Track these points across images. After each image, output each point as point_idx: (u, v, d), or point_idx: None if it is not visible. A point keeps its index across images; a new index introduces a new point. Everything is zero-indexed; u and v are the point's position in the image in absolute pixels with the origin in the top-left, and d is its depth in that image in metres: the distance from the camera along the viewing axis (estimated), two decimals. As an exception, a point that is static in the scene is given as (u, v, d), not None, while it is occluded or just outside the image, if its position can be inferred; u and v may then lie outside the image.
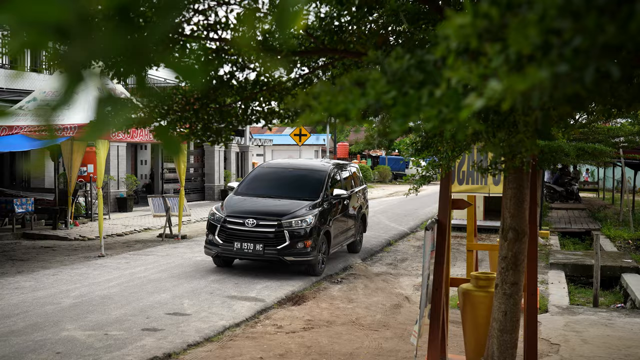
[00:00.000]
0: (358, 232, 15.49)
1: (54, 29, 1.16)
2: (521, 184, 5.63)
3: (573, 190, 30.31)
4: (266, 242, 12.10)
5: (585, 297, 12.12)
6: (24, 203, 16.89)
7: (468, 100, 1.10)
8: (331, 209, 13.32)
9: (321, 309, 10.26)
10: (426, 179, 6.65)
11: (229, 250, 12.26)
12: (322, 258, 12.71)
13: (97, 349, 7.65)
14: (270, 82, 4.36)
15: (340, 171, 14.90)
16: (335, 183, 14.11)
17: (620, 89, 3.10)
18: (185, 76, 1.44)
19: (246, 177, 14.57)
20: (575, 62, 1.00)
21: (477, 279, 6.82)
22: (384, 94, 1.31)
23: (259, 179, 14.07)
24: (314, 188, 13.33)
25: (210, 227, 12.64)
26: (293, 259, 12.16)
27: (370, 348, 8.22)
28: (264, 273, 12.48)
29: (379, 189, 41.08)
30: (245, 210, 12.54)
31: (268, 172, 14.40)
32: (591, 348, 8.18)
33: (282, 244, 12.06)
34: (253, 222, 12.18)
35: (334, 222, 13.44)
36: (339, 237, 13.86)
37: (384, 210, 26.07)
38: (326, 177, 13.71)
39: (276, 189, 13.49)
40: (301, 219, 12.28)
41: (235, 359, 7.56)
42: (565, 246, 17.95)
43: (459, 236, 17.38)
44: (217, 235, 12.40)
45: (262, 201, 13.01)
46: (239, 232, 12.21)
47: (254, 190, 13.55)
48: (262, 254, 12.07)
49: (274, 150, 45.57)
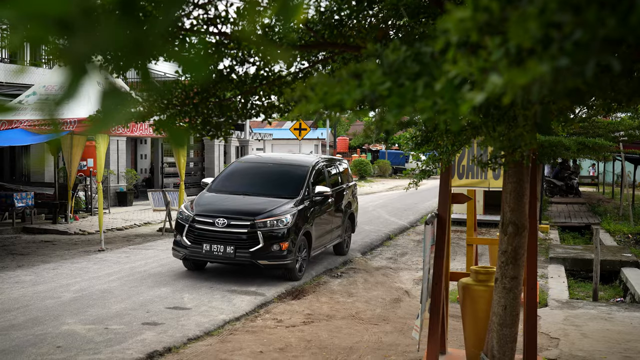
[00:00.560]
0: (345, 233, 14.44)
1: (57, 23, 1.16)
2: (521, 178, 5.63)
3: (573, 185, 30.32)
4: (238, 244, 11.08)
5: (585, 291, 12.14)
6: (24, 197, 16.90)
7: (469, 94, 1.09)
8: (313, 207, 12.32)
9: (321, 303, 10.28)
10: (426, 173, 6.66)
11: (198, 252, 11.27)
12: (301, 261, 11.70)
13: (98, 343, 7.66)
14: (270, 76, 4.36)
15: (326, 167, 13.86)
16: (320, 179, 13.14)
17: (620, 83, 3.10)
18: (189, 69, 1.44)
19: (221, 173, 13.57)
20: (575, 55, 1.00)
21: (477, 273, 6.83)
22: (379, 85, 1.30)
23: (236, 175, 13.08)
24: (294, 185, 12.37)
25: (178, 227, 11.72)
26: (267, 263, 11.11)
27: (370, 342, 8.23)
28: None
29: (378, 183, 41.09)
30: (215, 209, 11.58)
31: (246, 167, 13.41)
32: (591, 342, 8.20)
33: (256, 246, 11.04)
34: (224, 222, 11.18)
35: (316, 222, 12.43)
36: (322, 238, 12.86)
37: (383, 204, 26.08)
38: (308, 173, 12.73)
39: (253, 186, 12.50)
40: (277, 218, 11.27)
41: (236, 353, 7.57)
42: (565, 240, 17.97)
43: (458, 230, 17.39)
44: (185, 235, 11.43)
45: (236, 199, 12.04)
46: (208, 233, 11.23)
47: (229, 187, 12.58)
48: (233, 257, 11.06)
49: (274, 144, 45.57)
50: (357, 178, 43.73)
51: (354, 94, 1.32)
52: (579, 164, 34.23)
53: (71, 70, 1.23)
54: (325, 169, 13.67)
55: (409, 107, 1.24)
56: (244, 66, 4.24)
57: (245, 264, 11.21)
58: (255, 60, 4.24)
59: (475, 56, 1.11)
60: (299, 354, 7.61)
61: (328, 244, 13.44)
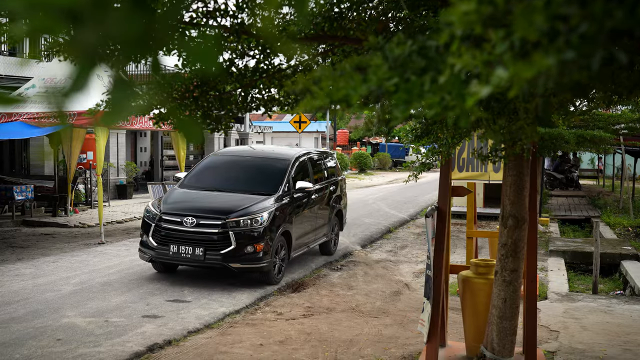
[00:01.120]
0: (332, 231, 13.49)
1: (65, 13, 1.15)
2: (521, 171, 5.63)
3: (573, 178, 30.31)
4: (208, 245, 10.17)
5: (585, 284, 12.15)
6: (24, 190, 16.89)
7: (474, 88, 1.08)
8: (293, 204, 11.40)
9: (321, 295, 10.29)
10: (426, 166, 6.65)
11: (165, 254, 10.34)
12: (279, 264, 10.83)
13: (98, 335, 7.67)
14: (270, 69, 4.35)
15: (310, 160, 12.87)
16: (302, 174, 12.20)
17: (621, 76, 3.09)
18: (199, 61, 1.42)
19: (195, 167, 12.54)
20: (582, 48, 0.99)
21: (476, 266, 6.83)
22: (385, 80, 1.29)
23: (210, 170, 12.11)
24: (273, 180, 11.41)
25: (144, 227, 10.78)
26: (240, 266, 10.20)
27: (370, 335, 8.24)
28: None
29: (378, 176, 41.09)
30: (184, 207, 10.64)
31: (222, 161, 12.39)
32: (590, 335, 8.21)
33: (227, 247, 10.13)
34: (192, 221, 10.25)
35: (297, 221, 11.52)
36: (304, 237, 11.92)
37: (383, 197, 26.08)
38: (289, 167, 11.77)
39: (228, 181, 11.56)
40: (252, 217, 10.32)
41: (236, 345, 7.58)
42: (564, 233, 17.97)
43: (458, 223, 17.40)
44: (151, 236, 10.51)
45: (208, 196, 11.11)
46: (175, 233, 10.31)
47: (202, 183, 11.63)
48: (203, 259, 10.15)
49: (274, 137, 45.53)
50: (357, 171, 43.72)
51: (360, 90, 1.30)
52: (579, 157, 34.21)
53: (80, 62, 1.21)
54: (308, 162, 12.76)
55: (416, 103, 1.23)
56: (243, 59, 4.23)
57: (217, 267, 10.38)
58: (255, 54, 4.23)
59: (479, 49, 1.10)
60: (298, 347, 7.62)
61: (312, 244, 12.49)
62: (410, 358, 7.26)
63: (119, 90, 1.30)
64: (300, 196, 11.70)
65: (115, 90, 1.30)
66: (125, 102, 1.29)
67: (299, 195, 11.61)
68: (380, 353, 7.46)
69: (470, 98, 1.08)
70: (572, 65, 1.00)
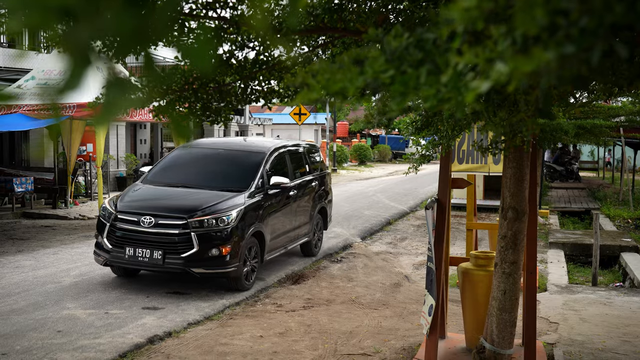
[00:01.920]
0: (315, 230, 12.49)
1: (58, 8, 1.14)
2: (521, 163, 5.63)
3: (573, 170, 30.31)
4: (167, 248, 9.18)
5: (584, 276, 12.17)
6: (24, 182, 16.89)
7: (474, 83, 1.08)
8: (268, 201, 10.38)
9: (321, 287, 10.30)
10: (426, 158, 6.65)
11: (120, 257, 9.36)
12: (250, 268, 9.84)
13: (98, 327, 7.68)
14: (270, 61, 4.34)
15: (289, 153, 11.80)
16: (280, 168, 11.18)
17: (621, 68, 3.09)
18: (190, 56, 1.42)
19: (161, 160, 11.49)
20: (582, 42, 0.99)
21: (476, 258, 6.84)
22: (381, 73, 1.29)
23: (178, 163, 11.10)
24: (245, 175, 10.40)
25: (99, 226, 9.78)
26: (204, 271, 9.22)
27: (370, 326, 8.26)
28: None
29: (378, 168, 41.10)
30: (143, 205, 9.66)
31: (191, 153, 11.33)
32: (590, 327, 8.23)
33: (189, 250, 9.14)
34: (150, 221, 9.27)
35: (272, 220, 10.50)
36: (280, 238, 10.90)
37: (383, 189, 26.09)
38: (263, 161, 10.73)
39: (196, 176, 10.58)
40: (217, 216, 9.32)
41: (236, 337, 7.60)
42: (564, 225, 17.99)
43: (458, 215, 17.41)
44: (105, 237, 9.54)
45: (171, 192, 10.11)
46: (132, 234, 9.35)
47: (167, 178, 10.61)
48: (162, 263, 9.15)
49: (274, 129, 45.50)
50: (356, 163, 43.72)
51: (357, 82, 1.30)
52: (579, 149, 34.19)
53: (73, 59, 1.21)
54: (287, 156, 11.68)
55: (413, 95, 1.23)
56: (243, 51, 4.22)
57: (177, 272, 9.40)
58: (254, 45, 4.22)
59: (481, 46, 1.10)
60: (298, 339, 7.64)
61: (290, 245, 11.46)
62: (410, 350, 7.28)
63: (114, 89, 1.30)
64: (276, 192, 10.70)
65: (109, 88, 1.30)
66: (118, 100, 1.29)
67: (274, 191, 10.62)
68: (379, 345, 7.48)
69: (470, 93, 1.07)
70: (572, 59, 1.00)
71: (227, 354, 7.04)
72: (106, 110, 1.31)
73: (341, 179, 31.63)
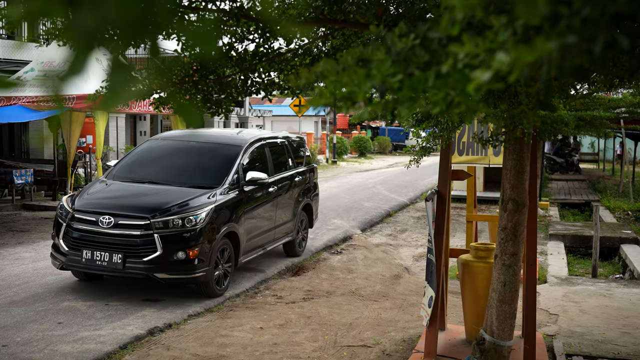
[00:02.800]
0: (298, 229, 11.70)
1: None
2: (521, 154, 5.62)
3: (573, 162, 30.30)
4: (128, 251, 8.38)
5: (584, 268, 12.18)
6: (23, 174, 16.88)
7: (475, 73, 1.07)
8: (243, 199, 9.52)
9: (321, 279, 10.31)
10: (426, 150, 6.65)
11: (77, 261, 8.54)
12: (223, 272, 9.01)
13: (99, 319, 7.70)
14: (270, 53, 4.33)
15: (269, 147, 10.93)
16: (258, 163, 10.36)
17: (622, 59, 3.08)
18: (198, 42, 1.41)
19: (129, 154, 10.63)
20: (584, 32, 0.98)
21: (476, 249, 6.84)
22: (390, 77, 1.27)
23: (146, 157, 10.22)
24: (218, 170, 9.55)
25: (56, 226, 8.96)
26: (168, 277, 8.42)
27: (370, 318, 8.27)
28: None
29: (378, 160, 41.10)
30: (102, 203, 8.84)
31: (161, 146, 10.44)
32: (589, 318, 8.24)
33: (152, 253, 8.33)
34: (110, 221, 8.46)
35: (248, 218, 9.66)
36: (257, 238, 10.04)
37: (383, 181, 26.09)
38: (239, 154, 9.85)
39: (166, 172, 9.71)
40: (183, 216, 8.48)
41: (236, 329, 7.61)
42: (564, 217, 18.00)
43: (458, 207, 17.41)
44: (62, 238, 8.74)
45: (135, 189, 9.30)
46: (89, 235, 8.53)
47: (134, 173, 9.80)
48: (122, 268, 8.35)
49: (274, 121, 45.48)
50: (357, 155, 43.70)
51: (364, 87, 1.29)
52: (579, 141, 34.16)
53: (77, 46, 1.20)
54: (267, 149, 10.80)
55: (422, 100, 1.21)
56: (243, 43, 4.21)
57: (139, 278, 8.64)
58: (254, 37, 4.21)
59: (482, 37, 1.09)
60: (298, 330, 7.66)
61: (270, 245, 10.61)
62: (410, 341, 7.29)
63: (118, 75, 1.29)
64: (253, 189, 9.83)
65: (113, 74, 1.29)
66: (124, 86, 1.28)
67: (251, 188, 9.74)
68: (379, 336, 7.50)
69: (471, 84, 1.07)
70: (574, 49, 0.99)
71: (227, 345, 7.05)
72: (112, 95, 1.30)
73: (341, 170, 31.63)
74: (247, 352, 6.87)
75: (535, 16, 0.98)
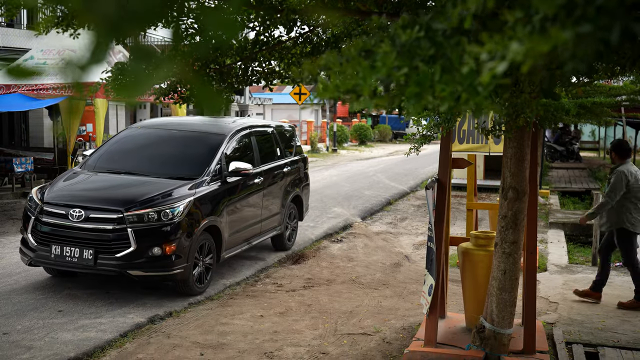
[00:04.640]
0: (287, 222, 11.17)
1: None
2: (522, 143, 5.62)
3: (574, 150, 30.27)
4: (100, 247, 7.90)
5: (584, 256, 12.18)
6: (23, 162, 16.87)
7: (489, 64, 1.06)
8: (226, 191, 9.02)
9: (321, 267, 10.33)
10: (426, 138, 6.63)
11: (45, 257, 8.08)
12: (204, 268, 8.56)
13: (99, 307, 7.71)
14: (270, 41, 4.31)
15: (256, 135, 10.37)
16: (243, 153, 9.85)
17: (624, 47, 3.06)
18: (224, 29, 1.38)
19: (105, 143, 10.15)
20: (599, 21, 0.96)
21: (476, 238, 6.84)
22: (395, 69, 1.25)
23: (123, 147, 9.68)
24: (199, 160, 9.00)
25: (25, 220, 8.49)
26: (143, 274, 7.94)
27: (370, 306, 8.28)
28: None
29: (379, 148, 41.06)
30: (73, 196, 8.32)
31: (140, 135, 9.91)
32: (589, 306, 8.26)
33: (126, 249, 7.84)
34: (80, 215, 7.95)
35: (232, 211, 9.16)
36: (242, 232, 9.54)
37: (383, 169, 26.08)
38: (222, 144, 9.30)
39: (144, 162, 9.19)
40: (159, 209, 7.97)
41: (236, 317, 7.62)
42: (565, 205, 17.99)
43: (459, 195, 17.41)
44: (30, 232, 8.27)
45: (110, 180, 8.80)
46: (59, 230, 8.06)
47: (110, 163, 9.25)
48: (93, 264, 7.87)
49: (274, 109, 45.38)
50: (357, 143, 43.66)
51: (369, 80, 1.26)
52: (580, 129, 34.12)
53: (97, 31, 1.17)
54: (253, 138, 10.26)
55: (429, 96, 1.19)
56: (243, 31, 4.19)
57: (111, 275, 8.20)
58: (255, 25, 4.19)
59: (500, 33, 1.07)
60: (299, 318, 7.67)
61: (255, 239, 10.07)
62: (410, 329, 7.31)
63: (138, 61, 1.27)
64: (237, 180, 9.31)
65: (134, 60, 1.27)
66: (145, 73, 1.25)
67: (235, 179, 9.22)
68: (380, 324, 7.51)
69: (486, 75, 1.05)
70: (588, 38, 0.98)
71: (227, 333, 7.07)
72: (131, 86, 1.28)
73: (341, 159, 31.62)
74: (248, 340, 6.88)
75: (551, 6, 0.96)
